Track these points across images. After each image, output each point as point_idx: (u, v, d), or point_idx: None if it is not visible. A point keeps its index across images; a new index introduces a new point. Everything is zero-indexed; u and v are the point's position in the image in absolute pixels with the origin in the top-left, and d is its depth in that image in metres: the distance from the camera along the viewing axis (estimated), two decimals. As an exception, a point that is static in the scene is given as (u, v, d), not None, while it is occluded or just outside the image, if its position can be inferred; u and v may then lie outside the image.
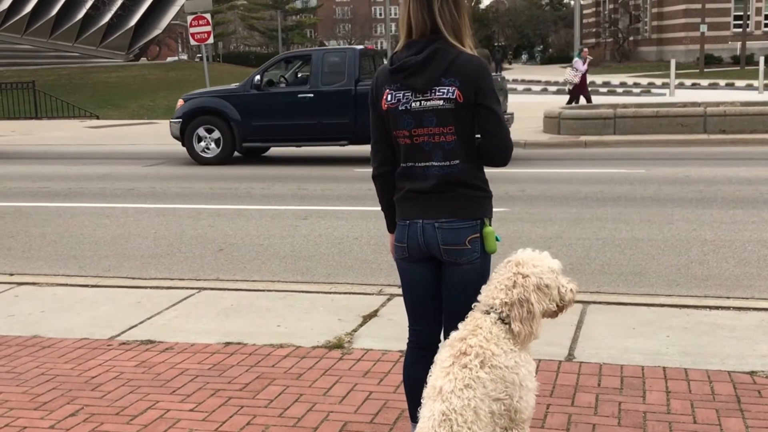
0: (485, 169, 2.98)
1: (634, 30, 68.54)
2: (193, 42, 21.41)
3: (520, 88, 38.44)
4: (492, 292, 2.73)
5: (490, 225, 2.94)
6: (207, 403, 4.02)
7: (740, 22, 54.35)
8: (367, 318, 5.32)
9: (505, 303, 2.68)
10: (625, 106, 18.81)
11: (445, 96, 2.81)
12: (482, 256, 2.93)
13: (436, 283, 3.01)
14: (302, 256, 7.37)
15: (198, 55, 46.25)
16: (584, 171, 12.61)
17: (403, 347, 3.27)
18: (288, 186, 11.64)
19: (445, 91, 2.81)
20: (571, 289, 2.75)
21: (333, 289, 6.07)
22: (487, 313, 2.71)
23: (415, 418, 2.79)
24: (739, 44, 51.99)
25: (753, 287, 6.02)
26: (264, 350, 4.77)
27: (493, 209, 3.00)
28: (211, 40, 21.83)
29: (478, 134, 2.92)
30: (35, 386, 4.30)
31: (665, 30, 62.91)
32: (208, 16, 20.98)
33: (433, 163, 2.88)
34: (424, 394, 2.64)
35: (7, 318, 5.57)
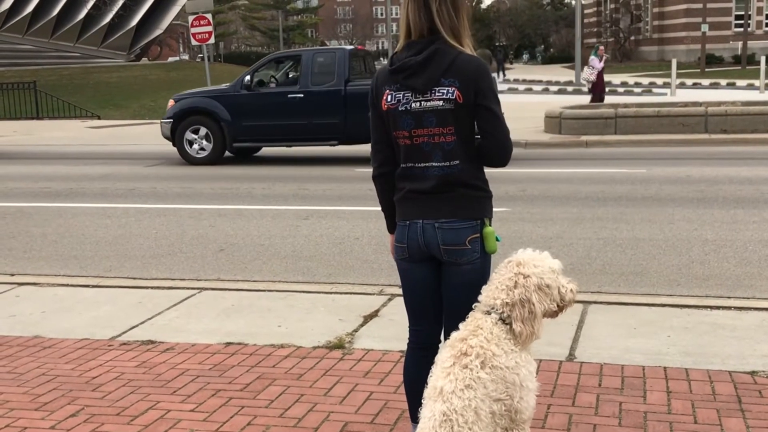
0: (485, 169, 2.98)
1: (635, 30, 68.46)
2: (194, 42, 21.39)
3: (522, 87, 38.43)
4: (493, 293, 2.73)
5: (490, 225, 2.94)
6: (208, 404, 4.02)
7: (741, 22, 54.31)
8: (367, 318, 5.32)
9: (506, 303, 2.68)
10: (626, 105, 18.80)
11: (444, 96, 2.81)
12: (482, 257, 2.93)
13: (437, 284, 3.01)
14: (303, 256, 7.37)
15: (199, 56, 46.29)
16: (585, 171, 12.60)
17: (403, 347, 3.27)
18: (289, 186, 11.64)
19: (444, 91, 2.81)
20: (572, 289, 2.75)
21: (334, 290, 6.07)
22: (488, 313, 2.71)
23: (415, 419, 2.79)
24: (740, 44, 51.94)
25: (754, 287, 6.02)
26: (265, 350, 4.77)
27: (493, 209, 3.00)
28: (212, 40, 21.83)
29: (478, 134, 2.92)
30: (36, 386, 4.31)
31: (666, 30, 62.84)
32: (209, 16, 20.97)
33: (433, 164, 2.88)
34: (424, 395, 2.64)
35: (8, 318, 5.58)
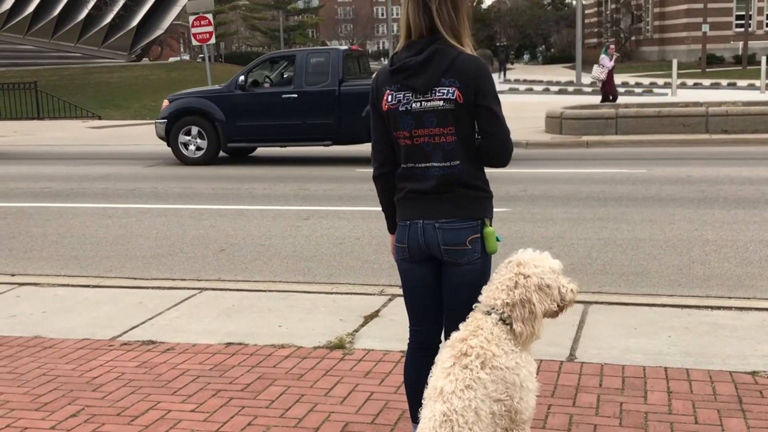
0: (486, 169, 2.98)
1: (636, 30, 68.46)
2: (195, 42, 21.39)
3: (522, 88, 38.46)
4: (493, 293, 2.72)
5: (490, 225, 2.94)
6: (208, 404, 4.02)
7: (742, 22, 54.32)
8: (368, 318, 5.32)
9: (507, 303, 2.68)
10: (626, 105, 18.79)
11: (445, 96, 2.81)
12: (483, 257, 2.93)
13: (437, 284, 3.01)
14: (304, 257, 7.37)
15: (200, 56, 46.28)
16: (586, 171, 12.60)
17: (404, 347, 3.27)
18: (289, 186, 11.64)
19: (445, 91, 2.81)
20: (572, 289, 2.74)
21: (334, 290, 6.07)
22: (488, 313, 2.71)
23: (416, 419, 2.79)
24: (741, 44, 51.93)
25: (755, 287, 6.01)
26: (265, 351, 4.77)
27: (493, 209, 3.00)
28: (213, 41, 21.85)
29: (478, 135, 2.91)
30: (36, 387, 4.31)
31: (667, 30, 62.83)
32: (209, 17, 20.98)
33: (434, 164, 2.88)
34: (425, 395, 2.64)
35: (9, 318, 5.58)
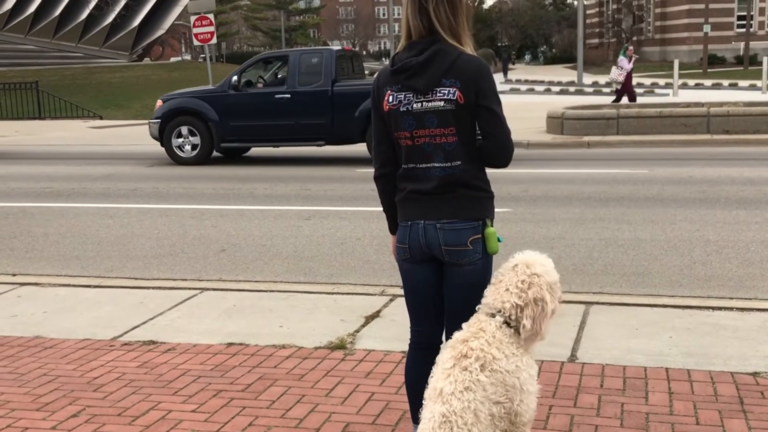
0: (487, 169, 2.98)
1: (638, 30, 68.45)
2: (196, 42, 21.41)
3: (524, 88, 38.46)
4: (501, 296, 2.71)
5: (491, 226, 2.93)
6: (209, 404, 4.02)
7: (744, 23, 54.28)
8: (369, 319, 5.31)
9: (517, 305, 2.67)
10: (628, 106, 18.81)
11: (445, 97, 2.81)
12: (484, 257, 2.93)
13: (438, 284, 3.01)
14: (305, 257, 7.37)
15: (201, 56, 46.35)
16: (587, 171, 12.59)
17: (405, 348, 3.26)
18: (291, 186, 11.64)
19: (446, 92, 2.81)
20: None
21: (335, 290, 6.06)
22: (493, 316, 2.70)
23: (417, 419, 2.79)
24: (742, 44, 51.90)
25: (756, 288, 6.01)
26: (266, 351, 4.77)
27: (494, 210, 3.00)
28: (214, 41, 21.85)
29: (479, 135, 2.91)
30: (37, 387, 4.30)
31: (668, 30, 62.81)
32: (211, 17, 20.98)
33: (435, 165, 2.88)
34: (425, 396, 2.64)
35: (10, 318, 5.58)
